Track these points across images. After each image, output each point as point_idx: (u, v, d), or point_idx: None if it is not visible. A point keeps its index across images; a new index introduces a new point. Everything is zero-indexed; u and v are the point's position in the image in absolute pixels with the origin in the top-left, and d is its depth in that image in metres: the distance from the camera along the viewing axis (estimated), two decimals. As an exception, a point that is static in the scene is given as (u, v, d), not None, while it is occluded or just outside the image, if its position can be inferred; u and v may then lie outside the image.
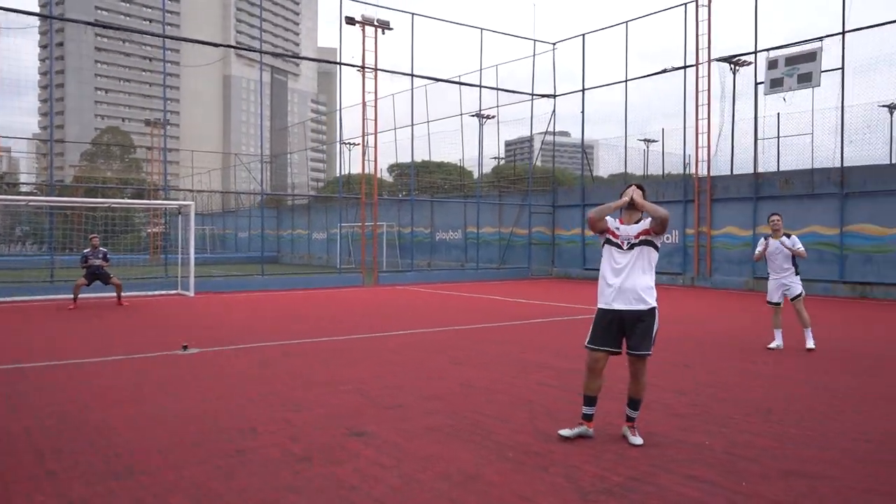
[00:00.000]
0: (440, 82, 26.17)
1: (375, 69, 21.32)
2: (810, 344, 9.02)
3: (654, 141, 30.72)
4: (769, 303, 9.31)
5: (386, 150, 34.51)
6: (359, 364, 8.09)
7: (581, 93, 25.03)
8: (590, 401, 5.09)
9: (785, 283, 9.16)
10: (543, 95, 26.05)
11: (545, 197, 26.78)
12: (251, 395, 6.44)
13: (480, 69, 24.62)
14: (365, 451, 4.75)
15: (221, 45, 21.51)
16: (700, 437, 5.10)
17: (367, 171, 23.66)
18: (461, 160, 31.53)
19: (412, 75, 22.65)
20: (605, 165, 37.08)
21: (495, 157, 37.40)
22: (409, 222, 33.34)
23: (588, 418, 5.08)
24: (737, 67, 22.33)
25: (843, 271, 17.92)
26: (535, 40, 25.51)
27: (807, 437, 5.13)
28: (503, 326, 11.70)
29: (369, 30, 21.10)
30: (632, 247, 4.94)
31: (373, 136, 22.29)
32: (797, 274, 9.20)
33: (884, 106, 20.92)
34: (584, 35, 24.57)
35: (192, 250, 17.85)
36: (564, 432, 5.02)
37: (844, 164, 18.11)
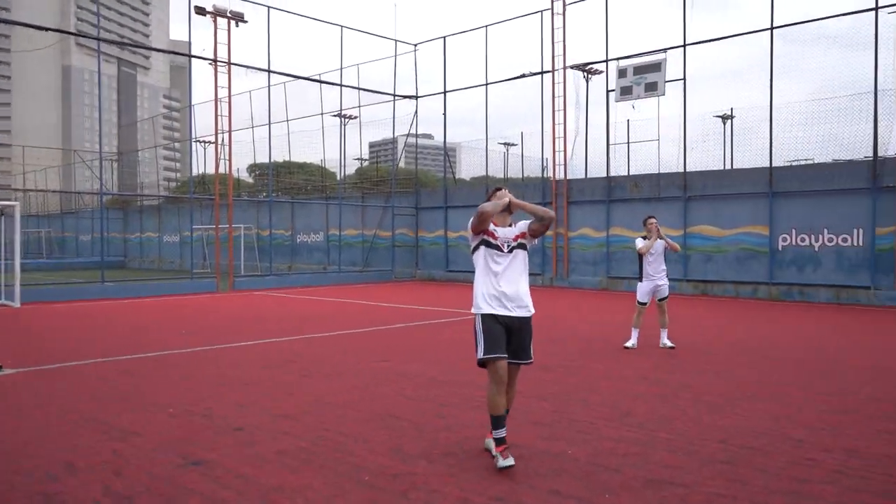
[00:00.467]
0: (299, 80, 25.31)
1: (229, 63, 20.22)
2: (668, 342, 9.40)
3: (513, 144, 31.38)
4: (639, 303, 9.41)
5: (244, 150, 33.02)
6: (201, 380, 7.40)
7: (443, 95, 25.09)
8: (500, 421, 4.58)
9: (660, 284, 9.35)
10: (405, 96, 25.87)
11: (408, 199, 26.62)
12: (73, 423, 5.65)
13: (341, 68, 24.08)
14: (202, 484, 4.20)
15: (53, 30, 19.38)
16: (563, 446, 4.97)
17: (221, 170, 22.41)
18: (322, 161, 30.69)
19: (269, 71, 21.71)
20: (468, 168, 37.53)
21: (358, 159, 36.88)
22: (268, 224, 32.16)
23: (503, 442, 4.54)
24: (590, 75, 23.26)
25: (686, 270, 19.02)
26: (396, 40, 25.28)
27: (670, 441, 5.13)
28: (361, 333, 11.29)
29: (222, 21, 19.97)
30: (511, 250, 4.77)
31: (227, 133, 21.11)
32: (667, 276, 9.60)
33: (718, 116, 22.56)
34: (444, 37, 24.64)
35: (17, 255, 16.02)
36: (503, 463, 4.43)
37: (687, 170, 19.24)
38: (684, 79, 19.16)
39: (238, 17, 20.31)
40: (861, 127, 16.80)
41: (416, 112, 25.96)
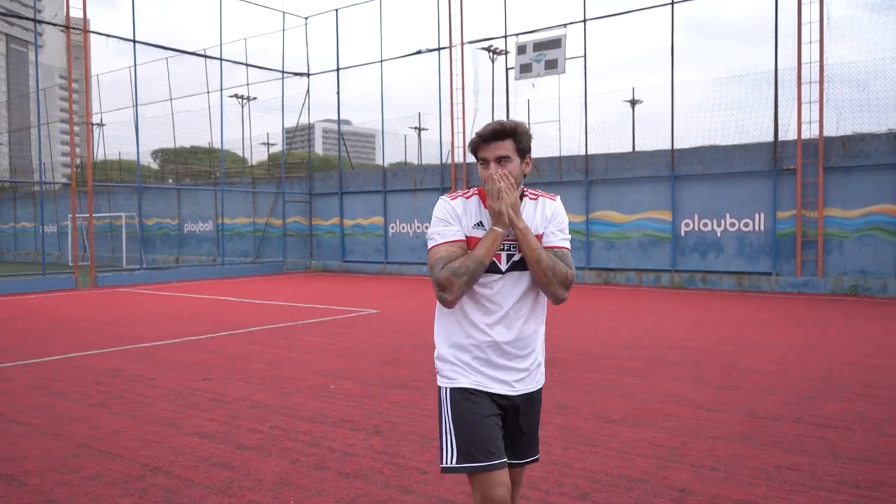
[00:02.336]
0: (178, 54, 23.02)
1: (85, 31, 17.89)
2: None
3: (425, 129, 30.03)
4: None
5: (140, 131, 30.39)
6: (-53, 418, 5.65)
7: (336, 72, 23.35)
8: None
9: None
10: (295, 73, 23.98)
11: (301, 184, 24.80)
12: None
13: (221, 42, 21.94)
14: None
15: None
16: None
17: (92, 154, 20.05)
18: (209, 143, 28.39)
19: (134, 41, 19.40)
20: (389, 154, 35.98)
21: (264, 143, 34.70)
22: (154, 213, 29.64)
23: None
24: (494, 55, 22.09)
25: (589, 258, 18.13)
26: (284, 12, 23.35)
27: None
28: (207, 339, 9.65)
29: (74, -17, 17.63)
30: (514, 264, 2.48)
31: (99, 114, 18.79)
32: None
33: (626, 101, 21.82)
34: (337, 10, 22.88)
35: None
36: None
37: (589, 152, 18.30)
38: (585, 56, 18.16)
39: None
40: (764, 113, 16.28)
41: (308, 91, 24.13)
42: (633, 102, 29.97)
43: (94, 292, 17.37)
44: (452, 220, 2.45)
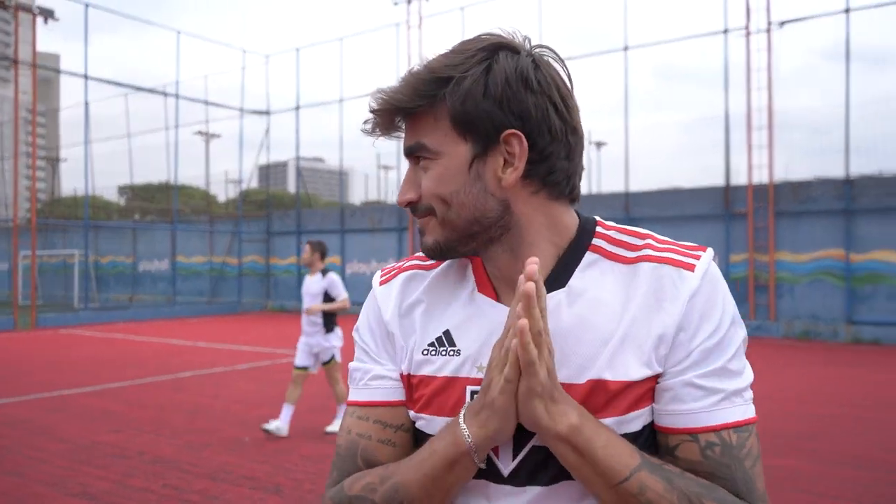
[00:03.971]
0: (136, 91, 22.77)
1: (34, 65, 17.57)
2: (336, 426, 6.32)
3: (390, 167, 30.00)
4: (295, 367, 6.56)
5: (111, 168, 30.00)
6: None
7: (295, 111, 23.24)
8: None
9: (311, 342, 6.53)
10: (255, 111, 23.83)
11: (259, 223, 24.45)
12: None
13: (177, 79, 21.74)
14: None
15: None
16: None
17: (53, 188, 19.58)
18: (168, 180, 28.01)
19: (86, 77, 19.10)
20: (360, 192, 35.86)
21: (232, 181, 34.46)
22: (110, 251, 28.99)
23: None
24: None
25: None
26: (244, 51, 23.27)
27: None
28: (132, 387, 9.19)
29: (25, 17, 17.35)
30: (534, 467, 0.93)
31: (55, 149, 18.39)
32: (330, 330, 6.55)
33: (592, 142, 22.04)
34: (298, 49, 22.87)
35: None
36: None
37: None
38: (541, 99, 18.28)
39: (48, 14, 17.76)
40: (718, 157, 16.47)
41: (269, 129, 23.97)
42: (599, 145, 30.31)
43: (32, 334, 16.72)
44: (376, 342, 1.06)
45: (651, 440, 0.92)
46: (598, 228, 0.98)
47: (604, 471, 0.85)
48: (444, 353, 0.97)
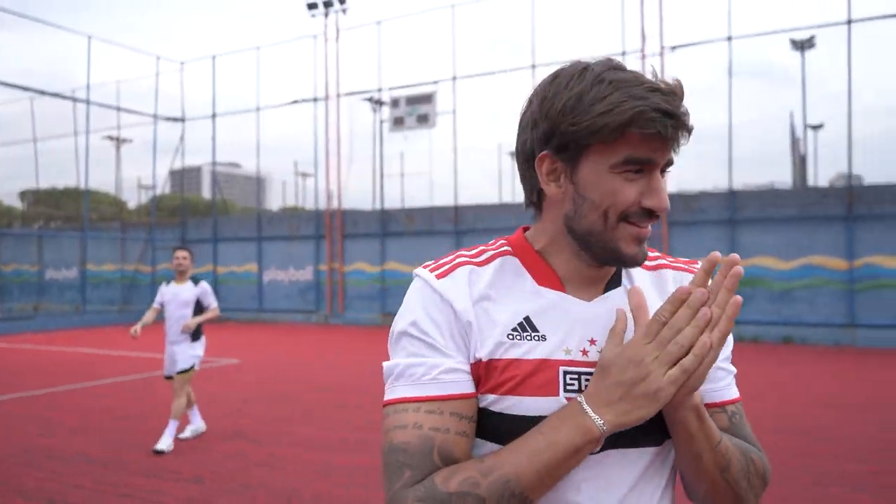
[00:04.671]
0: (43, 95, 22.16)
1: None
2: (161, 444, 5.96)
3: (309, 175, 30.07)
4: (165, 378, 6.67)
5: (9, 171, 28.78)
6: None
7: (211, 119, 23.17)
8: None
9: (175, 350, 6.49)
10: (169, 118, 23.60)
11: (174, 231, 24.19)
12: None
13: (88, 81, 21.32)
14: None
15: None
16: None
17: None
18: (77, 186, 27.24)
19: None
20: (278, 198, 35.64)
21: (144, 186, 33.65)
22: (13, 259, 27.94)
23: None
24: (378, 105, 22.63)
25: (459, 305, 18.67)
26: (158, 57, 23.02)
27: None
28: (44, 396, 9.26)
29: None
30: (622, 434, 1.04)
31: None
32: (197, 339, 6.55)
33: (510, 153, 22.97)
34: (214, 57, 22.84)
35: None
36: None
37: (459, 203, 19.01)
38: (454, 111, 19.04)
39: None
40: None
41: (183, 136, 23.77)
42: (513, 155, 31.39)
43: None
44: (443, 334, 1.05)
45: None
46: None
47: (710, 435, 1.03)
48: (527, 337, 1.03)
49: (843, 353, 13.17)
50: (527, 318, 1.04)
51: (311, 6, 20.54)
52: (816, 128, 29.39)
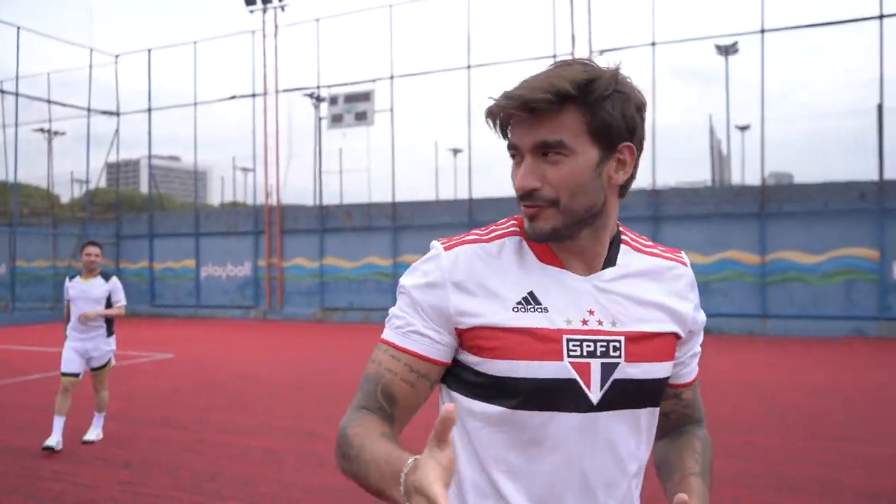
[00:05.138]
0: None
1: None
2: (91, 434, 6.18)
3: (250, 169, 29.85)
4: (63, 374, 6.15)
5: None
6: None
7: (147, 112, 22.93)
8: None
9: (89, 346, 6.21)
10: (104, 112, 23.25)
11: (108, 226, 23.84)
12: None
13: (17, 73, 20.86)
14: None
15: None
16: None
17: None
18: (5, 181, 26.50)
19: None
20: (218, 193, 35.16)
21: (78, 180, 32.82)
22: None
23: None
24: (318, 102, 22.73)
25: (396, 299, 18.99)
26: (91, 49, 22.66)
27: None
28: (-20, 388, 9.27)
29: None
30: (619, 392, 1.17)
31: None
32: (111, 334, 6.43)
33: (451, 150, 23.41)
34: (150, 50, 22.60)
35: None
36: None
37: (397, 200, 19.36)
38: (392, 109, 19.37)
39: None
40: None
41: (118, 129, 23.44)
42: (455, 152, 31.83)
43: None
44: (430, 302, 1.16)
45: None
46: (619, 227, 1.25)
47: None
48: (532, 309, 1.13)
49: (755, 342, 14.06)
50: (531, 293, 1.14)
51: (249, 2, 20.56)
52: (744, 128, 30.82)
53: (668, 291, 1.21)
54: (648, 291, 1.19)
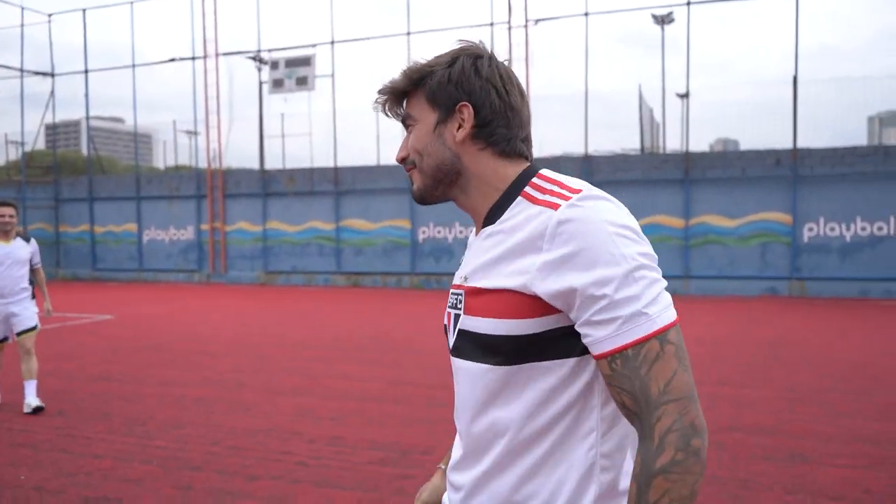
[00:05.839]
0: None
1: None
2: (33, 401, 5.98)
3: (196, 133, 29.50)
4: None
5: None
6: None
7: (84, 74, 22.53)
8: None
9: (14, 310, 6.06)
10: (37, 73, 22.76)
11: (46, 189, 23.51)
12: None
13: (-54, 33, 20.29)
14: None
15: None
16: None
17: None
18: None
19: None
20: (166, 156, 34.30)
21: (15, 142, 31.92)
22: None
23: None
24: (261, 64, 22.61)
25: (339, 263, 19.44)
26: (23, 7, 22.07)
27: None
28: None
29: None
30: (460, 340, 1.27)
31: None
32: (33, 297, 6.31)
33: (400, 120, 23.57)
34: (84, 10, 22.11)
35: None
36: None
37: (339, 165, 19.63)
38: (333, 75, 19.53)
39: None
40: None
41: (53, 91, 23.00)
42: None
43: None
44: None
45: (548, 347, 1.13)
46: (535, 179, 1.19)
47: None
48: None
49: (678, 301, 14.93)
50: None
51: (188, -38, 20.26)
52: (683, 96, 31.72)
53: (519, 243, 1.14)
54: (499, 245, 1.18)
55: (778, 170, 15.89)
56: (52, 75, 23.03)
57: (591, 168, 17.21)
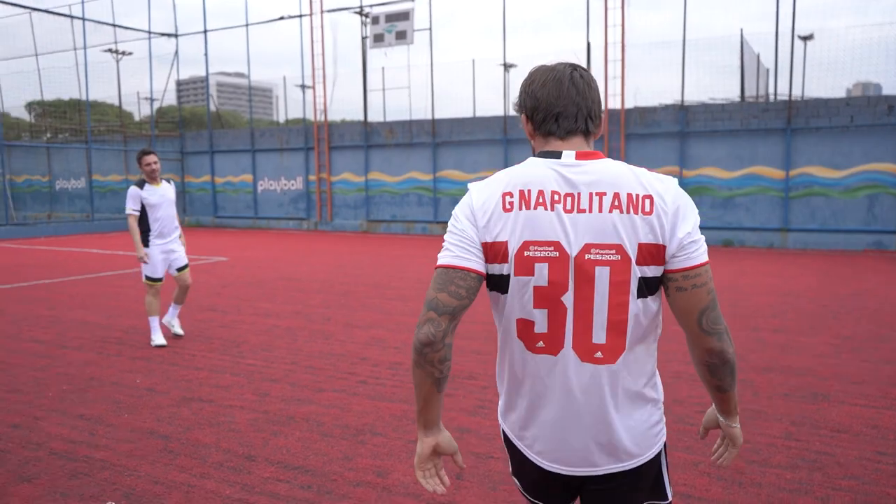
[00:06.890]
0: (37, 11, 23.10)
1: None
2: (179, 330, 6.87)
3: (308, 86, 30.94)
4: (148, 279, 6.59)
5: (13, 83, 29.86)
6: None
7: (203, 34, 24.11)
8: None
9: (174, 247, 6.68)
10: (163, 34, 24.56)
11: (173, 143, 25.57)
12: None
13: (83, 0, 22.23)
14: None
15: None
16: (140, 379, 5.36)
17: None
18: (79, 99, 28.41)
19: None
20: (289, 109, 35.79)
21: (148, 98, 34.65)
22: (25, 170, 29.54)
23: None
24: (367, 19, 23.37)
25: (436, 212, 20.18)
26: (149, -25, 23.77)
27: (243, 366, 5.67)
28: (40, 285, 10.98)
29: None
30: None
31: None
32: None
33: (501, 65, 23.70)
34: (203, -27, 23.53)
35: None
36: None
37: (437, 117, 20.21)
38: (430, 28, 19.96)
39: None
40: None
41: (177, 51, 24.80)
42: (507, 66, 32.08)
43: (-43, 247, 17.92)
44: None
45: None
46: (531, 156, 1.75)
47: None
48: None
49: (775, 255, 14.69)
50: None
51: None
52: (806, 38, 29.71)
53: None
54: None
55: (890, 118, 15.04)
56: (176, 36, 24.79)
57: (688, 118, 16.89)
